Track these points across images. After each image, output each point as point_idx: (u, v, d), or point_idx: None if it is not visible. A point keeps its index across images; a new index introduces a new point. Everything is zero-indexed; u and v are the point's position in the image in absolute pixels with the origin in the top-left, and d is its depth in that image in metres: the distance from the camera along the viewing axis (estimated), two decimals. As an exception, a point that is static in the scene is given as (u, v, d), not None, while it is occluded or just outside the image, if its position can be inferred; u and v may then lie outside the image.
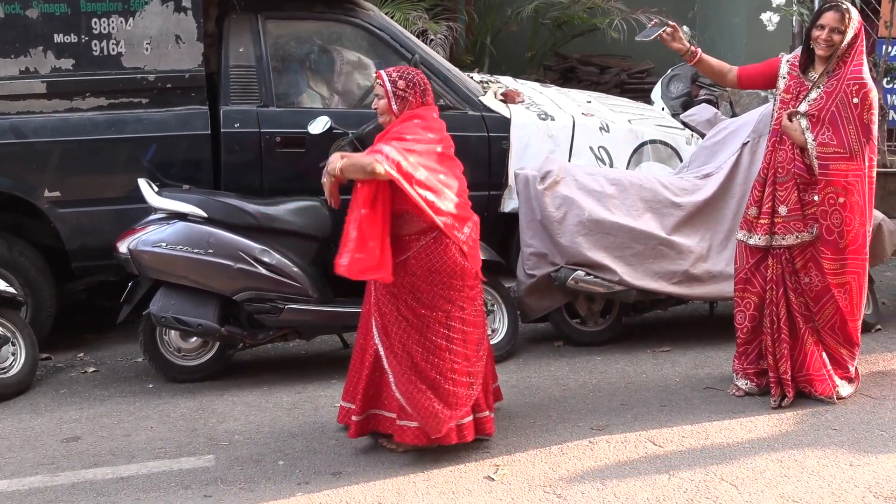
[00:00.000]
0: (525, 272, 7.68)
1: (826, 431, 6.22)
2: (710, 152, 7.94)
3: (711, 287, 7.64)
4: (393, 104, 5.83)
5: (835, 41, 6.25)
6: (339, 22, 8.21)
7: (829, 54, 6.28)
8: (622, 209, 7.57)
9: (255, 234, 7.12)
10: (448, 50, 11.51)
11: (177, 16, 7.59)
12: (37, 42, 7.42)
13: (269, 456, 6.06)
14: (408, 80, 5.82)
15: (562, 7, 13.12)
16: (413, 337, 5.82)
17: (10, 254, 7.55)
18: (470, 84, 8.60)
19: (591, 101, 9.36)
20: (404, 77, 5.84)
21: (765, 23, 9.82)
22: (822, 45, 6.28)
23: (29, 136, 7.46)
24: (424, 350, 5.82)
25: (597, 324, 7.92)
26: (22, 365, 7.16)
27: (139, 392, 7.18)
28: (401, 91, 5.81)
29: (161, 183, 7.47)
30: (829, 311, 6.56)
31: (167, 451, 6.17)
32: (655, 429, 6.32)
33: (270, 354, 7.86)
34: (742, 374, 6.81)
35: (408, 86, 5.81)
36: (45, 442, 6.35)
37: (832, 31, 6.24)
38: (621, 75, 13.69)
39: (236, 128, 7.80)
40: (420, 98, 5.85)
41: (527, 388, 7.06)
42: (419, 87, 5.85)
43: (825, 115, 6.28)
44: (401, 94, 5.81)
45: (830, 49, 6.27)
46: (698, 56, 6.58)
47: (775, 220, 6.51)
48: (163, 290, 7.09)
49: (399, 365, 5.84)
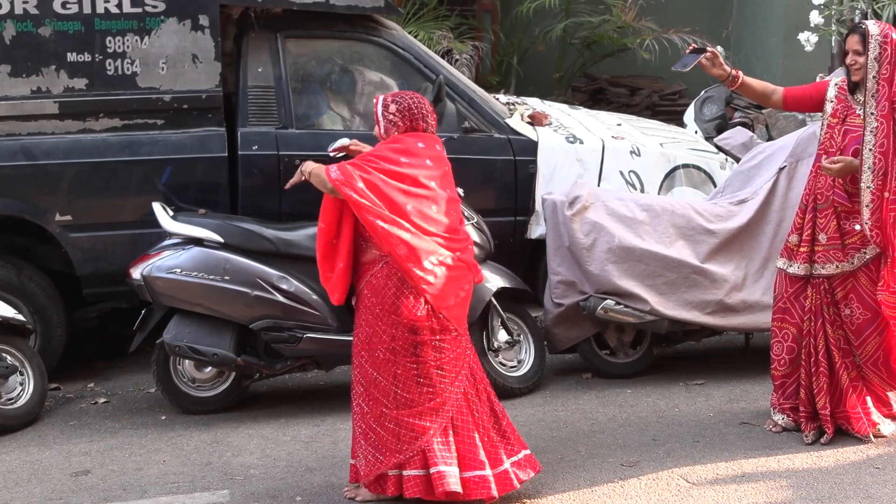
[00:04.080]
0: (552, 301, 7.60)
1: (868, 470, 6.10)
2: (746, 177, 7.85)
3: (747, 317, 7.53)
4: (379, 128, 5.78)
5: (859, 63, 6.21)
6: (361, 41, 8.18)
7: (861, 77, 6.24)
8: (654, 236, 7.50)
9: (273, 260, 7.06)
10: (473, 70, 11.54)
11: (194, 34, 7.56)
12: (49, 61, 7.40)
13: (287, 491, 5.97)
14: (400, 105, 5.74)
15: (591, 27, 13.17)
16: (365, 373, 5.67)
17: (19, 280, 7.51)
18: (496, 106, 8.54)
19: (621, 124, 9.32)
20: (398, 102, 5.75)
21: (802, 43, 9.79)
22: (851, 69, 6.28)
23: (40, 158, 7.42)
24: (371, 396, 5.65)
25: (627, 355, 7.81)
26: (30, 395, 7.11)
27: (151, 424, 7.12)
28: (390, 115, 5.74)
29: (176, 207, 7.45)
30: (872, 345, 6.45)
31: (180, 485, 6.11)
32: (688, 466, 6.21)
33: (288, 385, 7.83)
34: (779, 408, 6.70)
35: (398, 110, 5.72)
36: (54, 476, 6.30)
37: (854, 54, 6.23)
38: (652, 97, 13.66)
39: (254, 150, 7.75)
40: (408, 123, 5.74)
41: (554, 421, 6.98)
42: (410, 111, 5.75)
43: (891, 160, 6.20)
44: (389, 117, 5.74)
45: (858, 72, 6.24)
46: (740, 80, 6.45)
47: (815, 248, 6.43)
48: (177, 318, 7.04)
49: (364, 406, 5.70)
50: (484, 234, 7.23)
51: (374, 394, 5.59)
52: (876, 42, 6.15)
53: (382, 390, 5.57)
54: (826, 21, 10.22)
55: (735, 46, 14.14)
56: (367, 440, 5.61)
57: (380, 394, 5.58)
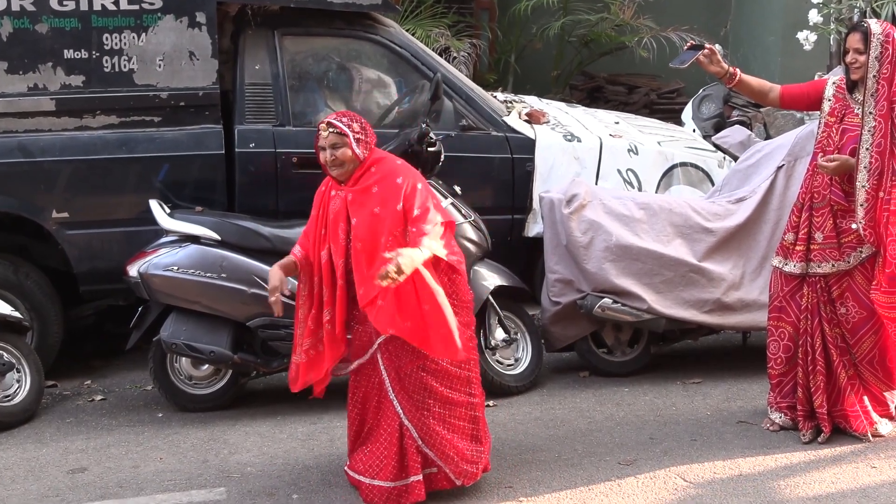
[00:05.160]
0: (550, 299, 7.58)
1: (865, 469, 6.10)
2: (744, 176, 7.83)
3: (744, 316, 7.51)
4: (357, 149, 5.53)
5: (860, 62, 6.18)
6: (359, 39, 8.15)
7: (861, 76, 6.21)
8: (651, 234, 7.48)
9: (270, 257, 6.90)
10: (471, 68, 11.48)
11: (191, 31, 7.53)
12: (46, 58, 7.36)
13: (283, 489, 5.97)
14: (359, 121, 5.61)
15: (589, 25, 13.12)
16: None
17: (16, 277, 7.48)
18: (493, 104, 8.52)
19: (618, 122, 9.31)
20: (353, 118, 5.61)
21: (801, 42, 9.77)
22: (851, 68, 6.25)
23: (37, 156, 7.39)
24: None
25: (624, 354, 7.79)
26: (27, 392, 7.08)
27: (148, 421, 7.10)
28: (357, 134, 5.56)
29: (173, 204, 7.41)
30: (868, 344, 6.44)
31: (177, 483, 6.10)
32: (686, 464, 6.19)
33: (285, 383, 7.60)
34: (777, 407, 6.69)
35: (362, 127, 5.60)
36: (51, 473, 6.28)
37: (856, 53, 6.20)
38: (650, 95, 13.63)
39: (251, 148, 7.72)
40: (372, 137, 5.66)
41: (551, 420, 6.95)
42: (366, 125, 5.66)
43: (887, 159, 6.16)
44: (359, 136, 5.56)
45: (859, 71, 6.21)
46: (738, 78, 6.42)
47: (811, 246, 6.41)
48: (174, 316, 7.02)
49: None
50: (481, 233, 7.20)
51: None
52: (877, 41, 6.12)
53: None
54: (825, 20, 10.19)
55: (733, 44, 14.11)
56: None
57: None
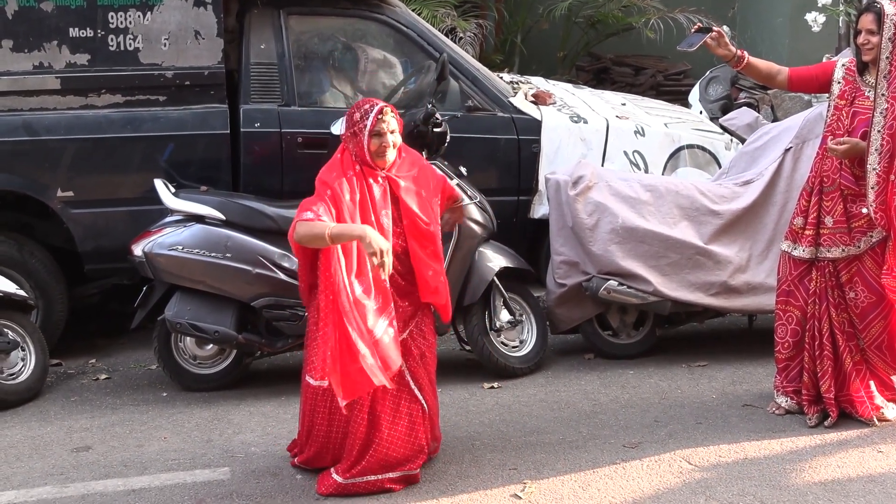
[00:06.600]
0: (555, 281, 7.56)
1: (872, 454, 6.05)
2: (751, 158, 7.80)
3: (751, 299, 7.49)
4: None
5: (872, 43, 6.12)
6: (365, 18, 8.13)
7: (873, 57, 6.15)
8: (657, 216, 7.45)
9: (274, 237, 7.01)
10: (477, 49, 11.45)
11: (196, 10, 7.52)
12: (51, 36, 7.35)
13: (287, 469, 5.95)
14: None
15: (596, 5, 13.07)
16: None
17: (21, 255, 7.49)
18: (499, 84, 8.49)
19: (625, 104, 9.27)
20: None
21: (809, 23, 9.73)
22: (863, 49, 6.18)
23: (41, 134, 7.39)
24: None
25: (630, 336, 7.77)
26: (31, 371, 7.10)
27: (152, 401, 7.10)
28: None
29: (178, 184, 7.40)
30: (877, 329, 6.39)
31: (181, 462, 6.10)
32: (691, 447, 6.16)
33: (289, 363, 7.77)
34: (783, 391, 6.65)
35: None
36: (55, 451, 6.28)
37: (868, 34, 6.13)
38: (657, 77, 13.60)
39: (256, 127, 7.71)
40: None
41: (556, 402, 6.93)
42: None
43: None
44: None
45: (871, 52, 6.15)
46: (746, 61, 6.37)
47: (821, 231, 6.37)
48: (178, 295, 7.01)
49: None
50: (487, 214, 7.18)
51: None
52: (891, 22, 6.05)
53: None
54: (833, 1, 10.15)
55: (741, 26, 14.07)
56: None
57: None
